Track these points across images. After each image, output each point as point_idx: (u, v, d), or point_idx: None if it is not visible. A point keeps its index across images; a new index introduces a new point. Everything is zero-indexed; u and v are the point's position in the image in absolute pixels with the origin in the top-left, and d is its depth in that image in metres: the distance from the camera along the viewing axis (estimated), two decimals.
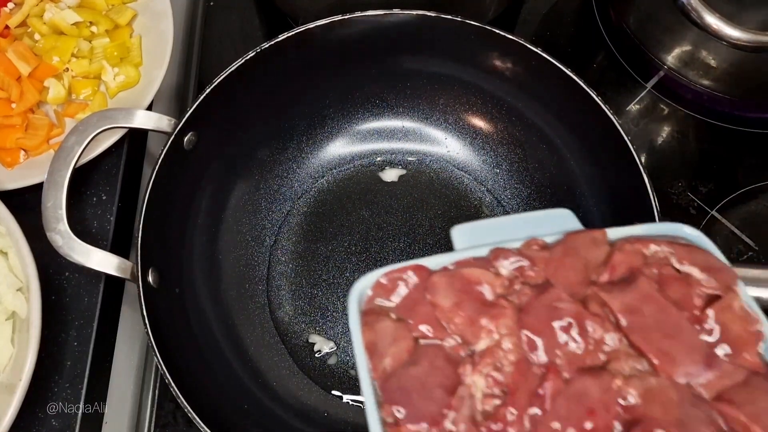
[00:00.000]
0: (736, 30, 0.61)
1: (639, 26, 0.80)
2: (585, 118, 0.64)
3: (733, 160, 0.78)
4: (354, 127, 0.75)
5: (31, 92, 0.68)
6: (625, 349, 0.36)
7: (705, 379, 0.35)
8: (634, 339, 0.36)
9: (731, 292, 0.37)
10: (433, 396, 0.35)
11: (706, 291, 0.37)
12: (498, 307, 0.37)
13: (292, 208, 0.73)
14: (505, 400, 0.35)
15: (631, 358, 0.36)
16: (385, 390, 0.36)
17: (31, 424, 0.60)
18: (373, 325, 0.37)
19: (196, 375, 0.58)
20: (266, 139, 0.72)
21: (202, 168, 0.65)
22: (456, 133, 0.75)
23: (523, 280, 0.39)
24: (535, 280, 0.39)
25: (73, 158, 0.56)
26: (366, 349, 0.37)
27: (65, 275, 0.66)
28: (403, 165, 0.75)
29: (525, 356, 0.36)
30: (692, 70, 0.77)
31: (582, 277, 0.39)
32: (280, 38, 0.63)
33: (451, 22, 0.64)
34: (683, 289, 0.37)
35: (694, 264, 0.38)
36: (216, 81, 0.61)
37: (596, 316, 0.37)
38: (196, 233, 0.66)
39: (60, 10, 0.72)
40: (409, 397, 0.35)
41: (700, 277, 0.38)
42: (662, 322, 0.36)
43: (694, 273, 0.38)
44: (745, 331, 0.36)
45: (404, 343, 0.37)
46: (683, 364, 0.35)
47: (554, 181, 0.71)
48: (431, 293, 0.38)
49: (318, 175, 0.74)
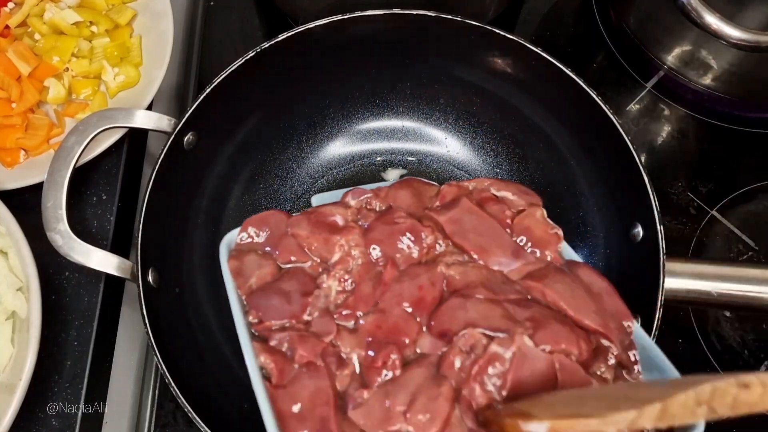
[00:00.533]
0: (736, 30, 0.61)
1: (639, 26, 0.80)
2: (585, 118, 0.64)
3: (733, 160, 0.78)
4: (354, 127, 0.75)
5: (31, 92, 0.68)
6: (450, 249, 0.46)
7: (514, 267, 0.45)
8: (456, 240, 0.46)
9: (535, 207, 0.48)
10: (292, 299, 0.43)
11: (516, 207, 0.48)
12: (348, 227, 0.46)
13: (292, 208, 0.73)
14: (353, 291, 0.44)
15: (455, 255, 0.46)
16: (251, 300, 0.44)
17: (31, 424, 0.60)
18: (241, 257, 0.46)
19: (196, 375, 0.58)
20: (266, 139, 0.72)
21: (202, 168, 0.65)
22: (456, 133, 0.75)
23: (370, 208, 0.48)
24: (380, 207, 0.49)
25: (73, 158, 0.56)
26: (232, 273, 0.45)
27: (65, 275, 0.66)
28: (403, 165, 0.75)
29: (369, 259, 0.45)
30: (692, 69, 0.77)
31: (417, 203, 0.49)
32: (280, 38, 0.63)
33: (451, 22, 0.64)
34: (498, 206, 0.48)
35: (507, 190, 0.49)
36: (216, 81, 0.61)
37: (428, 227, 0.46)
38: (196, 233, 0.66)
39: (60, 9, 0.72)
40: (270, 302, 0.43)
41: (512, 198, 0.49)
42: (479, 227, 0.46)
43: (507, 196, 0.49)
44: (546, 233, 0.47)
45: (268, 269, 0.45)
46: (496, 255, 0.45)
47: (554, 181, 0.71)
48: (292, 227, 0.46)
49: (318, 175, 0.74)
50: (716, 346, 0.69)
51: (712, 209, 0.74)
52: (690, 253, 0.72)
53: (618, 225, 0.63)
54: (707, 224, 0.73)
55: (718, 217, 0.73)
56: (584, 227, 0.68)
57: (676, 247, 0.72)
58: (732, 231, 0.73)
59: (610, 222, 0.65)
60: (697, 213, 0.74)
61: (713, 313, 0.70)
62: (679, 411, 0.31)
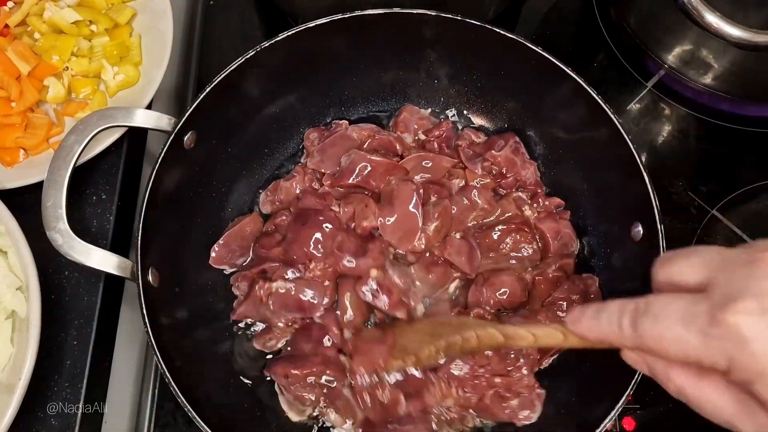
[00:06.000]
0: (737, 29, 0.61)
1: (639, 25, 0.80)
2: (585, 118, 0.63)
3: (733, 159, 0.77)
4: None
5: (30, 91, 0.68)
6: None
7: None
8: None
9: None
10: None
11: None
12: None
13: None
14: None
15: None
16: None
17: (31, 424, 0.60)
18: None
19: (196, 375, 0.58)
20: (266, 138, 0.71)
21: (201, 167, 0.65)
22: None
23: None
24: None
25: (73, 157, 0.56)
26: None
27: (65, 274, 0.66)
28: None
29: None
30: (693, 69, 0.77)
31: None
32: (280, 37, 0.63)
33: (451, 21, 0.63)
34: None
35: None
36: (216, 80, 0.61)
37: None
38: (195, 233, 0.66)
39: (59, 8, 0.72)
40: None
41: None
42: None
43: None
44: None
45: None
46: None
47: (554, 181, 0.70)
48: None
49: None
50: None
51: (713, 208, 0.74)
52: None
53: (618, 224, 0.62)
54: (708, 223, 0.73)
55: (719, 216, 0.73)
56: (585, 226, 0.68)
57: (677, 246, 0.71)
58: (732, 230, 0.73)
59: (610, 221, 0.65)
60: (698, 212, 0.73)
61: None
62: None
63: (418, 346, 0.54)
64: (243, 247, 0.67)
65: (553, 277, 0.65)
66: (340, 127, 0.70)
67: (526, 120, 0.71)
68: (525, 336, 0.45)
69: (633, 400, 0.66)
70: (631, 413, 0.66)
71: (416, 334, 0.57)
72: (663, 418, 0.66)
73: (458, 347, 0.51)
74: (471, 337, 0.49)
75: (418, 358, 0.54)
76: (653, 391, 0.66)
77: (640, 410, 0.66)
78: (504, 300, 0.63)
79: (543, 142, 0.70)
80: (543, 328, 0.44)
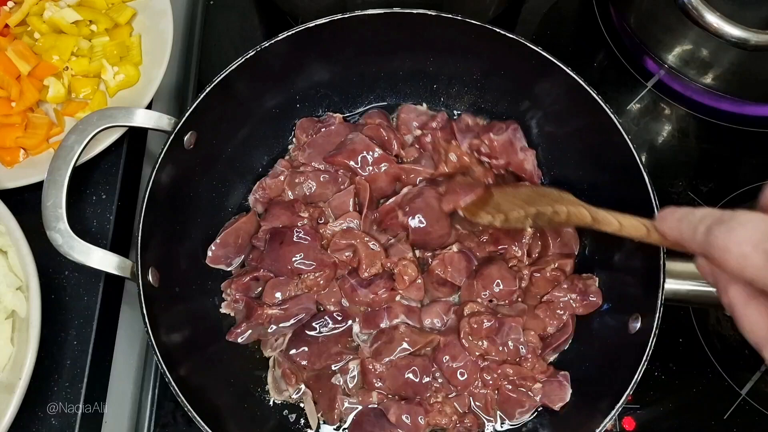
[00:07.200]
0: (737, 29, 0.61)
1: (639, 25, 0.79)
2: (585, 117, 0.63)
3: (733, 159, 0.77)
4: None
5: (30, 91, 0.68)
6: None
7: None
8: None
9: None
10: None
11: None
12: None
13: None
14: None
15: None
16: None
17: (31, 424, 0.60)
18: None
19: (196, 375, 0.58)
20: (267, 138, 0.71)
21: (201, 167, 0.65)
22: None
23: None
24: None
25: (73, 157, 0.56)
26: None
27: (65, 274, 0.66)
28: None
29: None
30: (693, 69, 0.77)
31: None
32: (280, 37, 0.63)
33: (451, 21, 0.63)
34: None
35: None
36: (216, 80, 0.61)
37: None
38: (195, 233, 0.66)
39: (59, 8, 0.72)
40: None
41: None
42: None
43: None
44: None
45: None
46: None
47: (554, 180, 0.70)
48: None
49: None
50: (716, 346, 0.69)
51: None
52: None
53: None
54: None
55: None
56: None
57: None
58: None
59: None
60: None
61: (713, 313, 0.70)
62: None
63: (511, 207, 0.57)
64: (239, 246, 0.67)
65: (551, 276, 0.65)
66: (334, 119, 0.70)
67: (526, 120, 0.71)
68: (612, 222, 0.47)
69: (633, 400, 0.66)
70: (631, 413, 0.66)
71: (513, 197, 0.60)
72: (663, 418, 0.66)
73: (547, 218, 0.54)
74: (561, 211, 0.52)
75: (507, 218, 0.57)
76: (653, 391, 0.67)
77: (640, 410, 0.66)
78: (497, 293, 0.64)
79: (542, 142, 0.70)
80: (630, 219, 0.46)
